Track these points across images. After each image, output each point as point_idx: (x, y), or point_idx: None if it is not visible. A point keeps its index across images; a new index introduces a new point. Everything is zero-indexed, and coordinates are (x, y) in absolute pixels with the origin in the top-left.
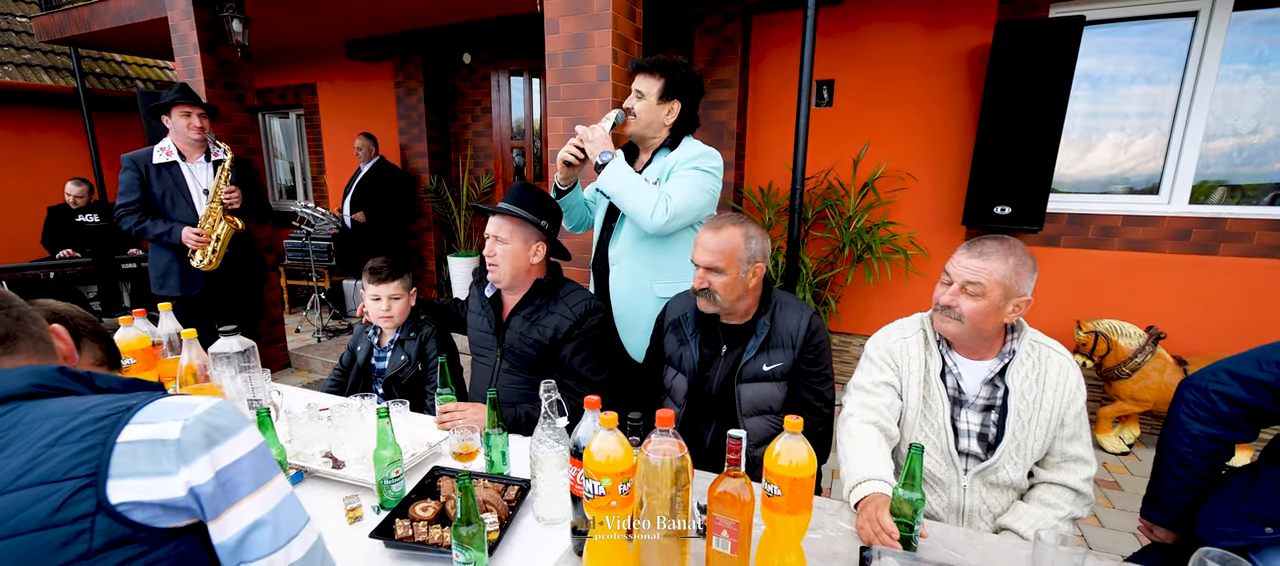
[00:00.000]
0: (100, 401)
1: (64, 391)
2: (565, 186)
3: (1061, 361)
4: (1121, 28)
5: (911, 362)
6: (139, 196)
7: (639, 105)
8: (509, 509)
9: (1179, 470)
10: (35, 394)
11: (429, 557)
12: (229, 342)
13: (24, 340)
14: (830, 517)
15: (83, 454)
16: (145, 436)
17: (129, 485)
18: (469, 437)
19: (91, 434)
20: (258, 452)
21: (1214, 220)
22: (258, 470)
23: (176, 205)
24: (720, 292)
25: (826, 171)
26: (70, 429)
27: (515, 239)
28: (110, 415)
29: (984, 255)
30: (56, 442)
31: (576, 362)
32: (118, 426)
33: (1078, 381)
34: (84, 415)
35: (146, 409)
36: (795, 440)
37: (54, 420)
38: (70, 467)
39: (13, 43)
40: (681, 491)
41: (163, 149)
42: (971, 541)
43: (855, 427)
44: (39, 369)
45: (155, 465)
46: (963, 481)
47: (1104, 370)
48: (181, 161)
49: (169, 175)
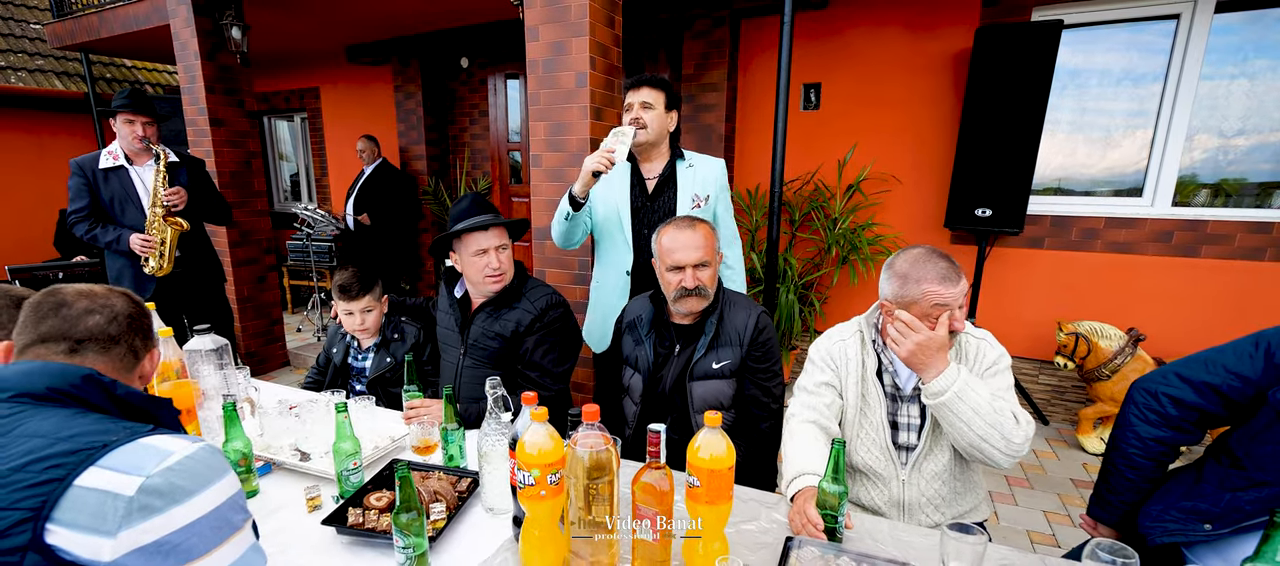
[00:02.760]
0: (89, 427)
1: (77, 399)
2: (584, 198)
3: (980, 344)
4: (1103, 31)
5: (849, 363)
6: (88, 202)
7: (650, 116)
8: (458, 499)
9: (1127, 471)
10: (48, 398)
11: (377, 543)
12: (202, 341)
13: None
14: (767, 510)
15: (38, 488)
16: (101, 485)
17: (66, 534)
18: (428, 432)
19: (55, 467)
20: (220, 511)
21: (1196, 222)
22: (215, 530)
23: (127, 210)
24: (708, 284)
25: (813, 173)
26: (43, 455)
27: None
28: (82, 451)
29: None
30: (24, 467)
31: (538, 354)
32: (83, 466)
33: (996, 357)
34: (63, 444)
35: (120, 451)
36: (714, 434)
37: (36, 441)
38: (19, 499)
39: (26, 49)
40: (605, 483)
41: (110, 153)
42: (893, 532)
43: (796, 427)
44: (65, 370)
45: (98, 521)
46: (901, 474)
47: (1085, 371)
48: (129, 165)
49: (117, 179)
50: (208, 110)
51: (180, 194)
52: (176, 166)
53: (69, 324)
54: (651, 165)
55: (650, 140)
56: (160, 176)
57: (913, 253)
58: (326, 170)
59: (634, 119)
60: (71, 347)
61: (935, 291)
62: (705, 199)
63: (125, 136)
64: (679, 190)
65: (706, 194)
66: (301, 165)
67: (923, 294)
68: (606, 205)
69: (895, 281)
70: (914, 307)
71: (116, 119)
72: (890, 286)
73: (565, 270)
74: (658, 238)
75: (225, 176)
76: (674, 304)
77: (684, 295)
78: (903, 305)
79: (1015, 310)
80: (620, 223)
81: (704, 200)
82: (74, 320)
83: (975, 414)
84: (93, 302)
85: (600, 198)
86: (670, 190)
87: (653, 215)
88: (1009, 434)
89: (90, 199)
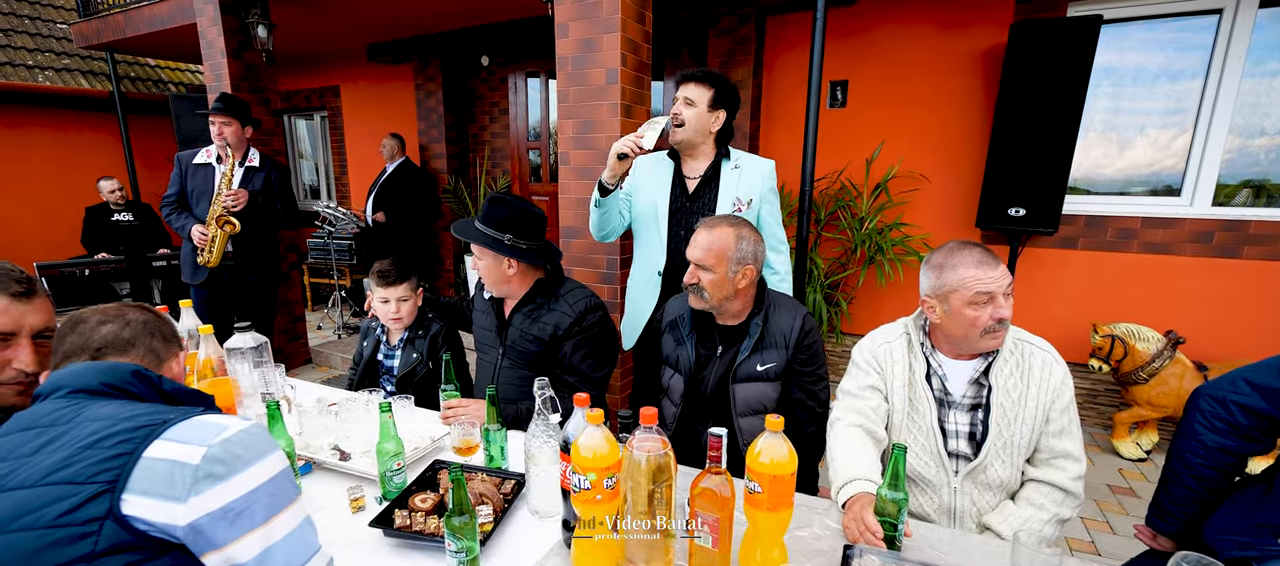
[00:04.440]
0: (145, 410)
1: (129, 393)
2: (613, 185)
3: (1045, 357)
4: (1142, 26)
5: (896, 366)
6: (177, 191)
7: (688, 113)
8: (505, 502)
9: (1190, 480)
10: (103, 392)
11: (425, 546)
12: (242, 338)
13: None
14: (818, 516)
15: (110, 461)
16: (169, 456)
17: (141, 502)
18: (469, 433)
19: (123, 442)
20: (276, 480)
21: (1237, 223)
22: (272, 498)
23: (201, 203)
24: (707, 290)
25: (839, 172)
26: (109, 434)
27: (486, 256)
28: (145, 426)
29: (995, 260)
30: (93, 445)
31: (576, 359)
32: (148, 439)
33: (1063, 376)
34: (125, 422)
35: (180, 426)
36: (776, 439)
37: (100, 423)
38: (95, 472)
39: (53, 48)
40: (664, 487)
41: (206, 150)
42: (954, 541)
43: (841, 431)
44: (116, 367)
45: (169, 488)
46: (953, 483)
47: (1121, 374)
48: (216, 164)
49: (202, 174)
50: None
51: (238, 196)
52: (254, 170)
53: (85, 337)
54: (694, 164)
55: (687, 138)
56: (225, 178)
57: (947, 245)
58: (346, 168)
59: (674, 114)
60: (92, 356)
61: (974, 276)
62: (748, 202)
63: (213, 136)
64: (720, 192)
65: (749, 197)
66: (321, 163)
67: (961, 280)
68: (644, 202)
69: (932, 273)
70: (955, 297)
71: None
72: (928, 279)
73: (592, 269)
74: None
75: None
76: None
77: (687, 288)
78: (942, 297)
79: (1048, 311)
80: (656, 221)
81: (747, 204)
82: (89, 332)
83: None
84: (106, 315)
85: (640, 193)
86: (711, 191)
87: (691, 216)
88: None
89: (180, 188)
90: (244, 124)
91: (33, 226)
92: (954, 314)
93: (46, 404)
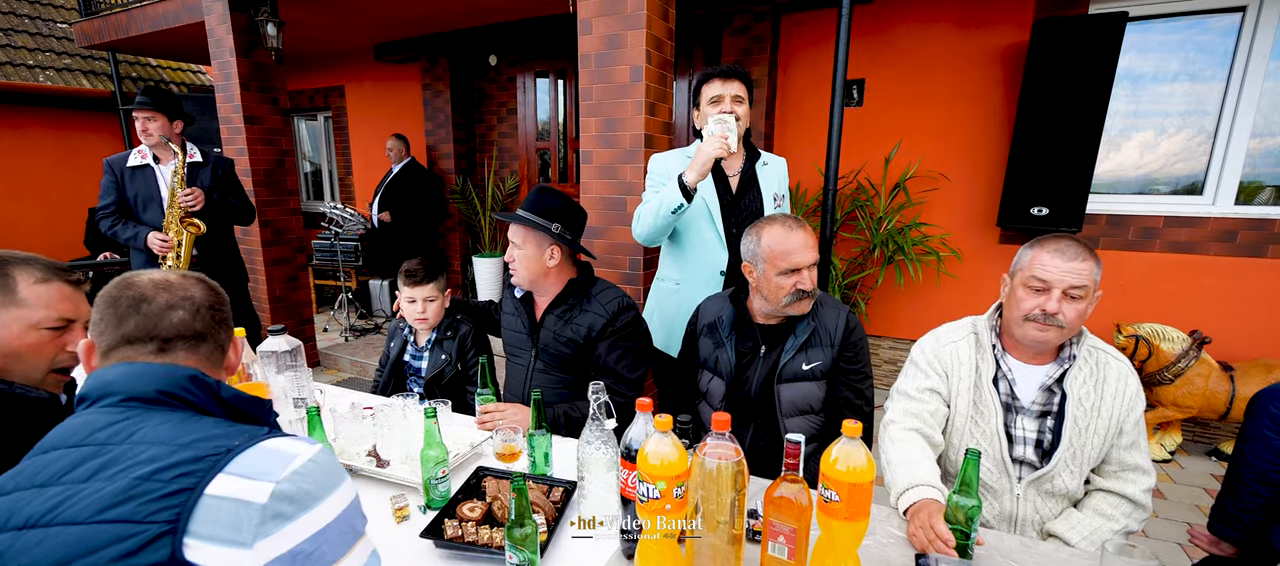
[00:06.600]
0: (205, 432)
1: (187, 403)
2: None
3: (1120, 368)
4: (1164, 24)
5: (961, 367)
6: (115, 199)
7: (742, 109)
8: (555, 510)
9: (1259, 487)
10: (159, 401)
11: (480, 558)
12: (276, 342)
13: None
14: (880, 523)
15: (170, 499)
16: (233, 493)
17: (204, 548)
18: (512, 438)
19: (183, 476)
20: (345, 515)
21: (1263, 221)
22: (341, 536)
23: (149, 208)
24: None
25: (856, 172)
26: (168, 464)
27: (529, 244)
28: (208, 456)
29: (1078, 256)
30: (152, 477)
31: (612, 360)
32: (211, 473)
33: (1136, 389)
34: (185, 451)
35: (244, 456)
36: (854, 445)
37: (158, 448)
38: (154, 510)
39: (54, 48)
40: (739, 495)
41: (139, 152)
42: (1028, 550)
43: (897, 434)
44: (174, 373)
45: (234, 532)
46: (1016, 489)
47: (1145, 375)
48: (155, 164)
49: (141, 178)
50: (243, 108)
51: (196, 196)
52: (198, 166)
53: (152, 321)
54: (732, 162)
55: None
56: (177, 177)
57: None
58: (351, 169)
59: (728, 111)
60: (160, 347)
61: (1040, 258)
62: (781, 197)
63: (140, 135)
64: (762, 188)
65: (781, 192)
66: (324, 165)
67: (1030, 259)
68: (694, 202)
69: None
70: (1019, 275)
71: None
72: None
73: (615, 270)
74: (758, 239)
75: (259, 174)
76: (783, 306)
77: (800, 298)
78: (1013, 273)
79: None
80: (712, 219)
81: (781, 199)
82: (156, 316)
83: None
84: (172, 296)
85: None
86: (754, 189)
87: (739, 213)
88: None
89: (116, 196)
90: (172, 118)
91: (36, 227)
92: (1012, 294)
93: (97, 414)
